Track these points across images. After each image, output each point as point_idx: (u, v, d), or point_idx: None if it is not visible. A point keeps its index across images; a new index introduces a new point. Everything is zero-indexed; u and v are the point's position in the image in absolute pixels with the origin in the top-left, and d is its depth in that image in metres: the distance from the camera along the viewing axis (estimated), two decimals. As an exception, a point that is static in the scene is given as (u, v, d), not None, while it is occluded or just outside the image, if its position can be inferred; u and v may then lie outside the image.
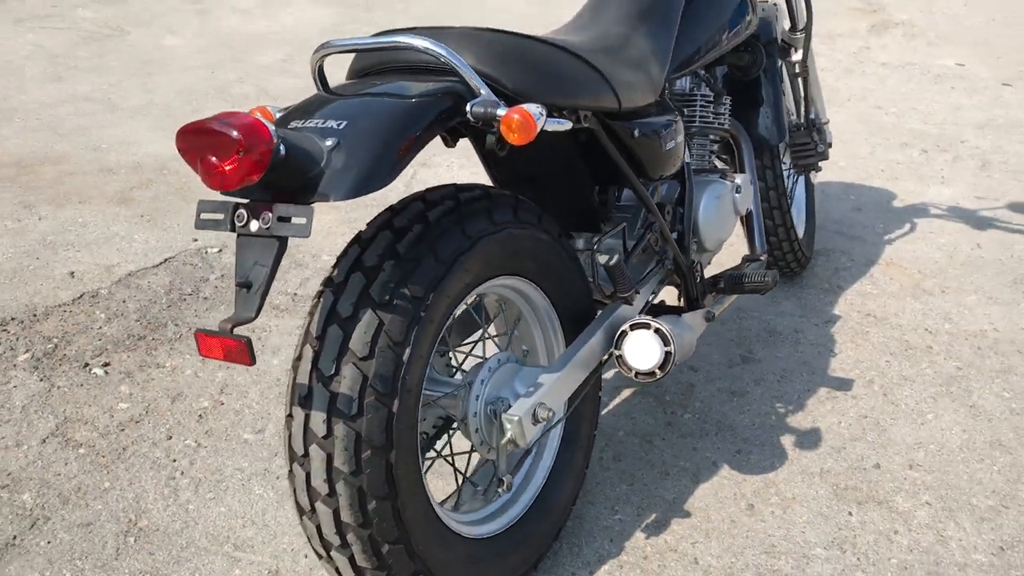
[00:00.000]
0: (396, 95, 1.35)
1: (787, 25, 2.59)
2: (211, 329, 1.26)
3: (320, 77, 1.50)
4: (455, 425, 1.69)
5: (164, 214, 3.04)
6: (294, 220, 1.20)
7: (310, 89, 1.51)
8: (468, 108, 1.35)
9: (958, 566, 1.77)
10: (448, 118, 1.34)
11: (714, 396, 2.27)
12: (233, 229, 1.25)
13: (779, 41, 2.47)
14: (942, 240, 3.15)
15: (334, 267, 1.38)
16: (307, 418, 1.32)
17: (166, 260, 2.76)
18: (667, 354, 1.63)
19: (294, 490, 1.36)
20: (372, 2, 5.64)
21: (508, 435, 1.49)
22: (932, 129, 4.24)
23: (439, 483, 1.92)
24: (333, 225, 3.03)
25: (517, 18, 5.60)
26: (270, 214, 1.22)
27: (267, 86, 4.07)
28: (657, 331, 1.63)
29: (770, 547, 1.81)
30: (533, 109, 1.31)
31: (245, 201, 1.25)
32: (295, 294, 2.64)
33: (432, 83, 1.37)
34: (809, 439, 2.12)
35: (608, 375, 2.33)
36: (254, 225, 1.23)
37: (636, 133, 1.67)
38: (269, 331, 2.46)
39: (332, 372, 1.30)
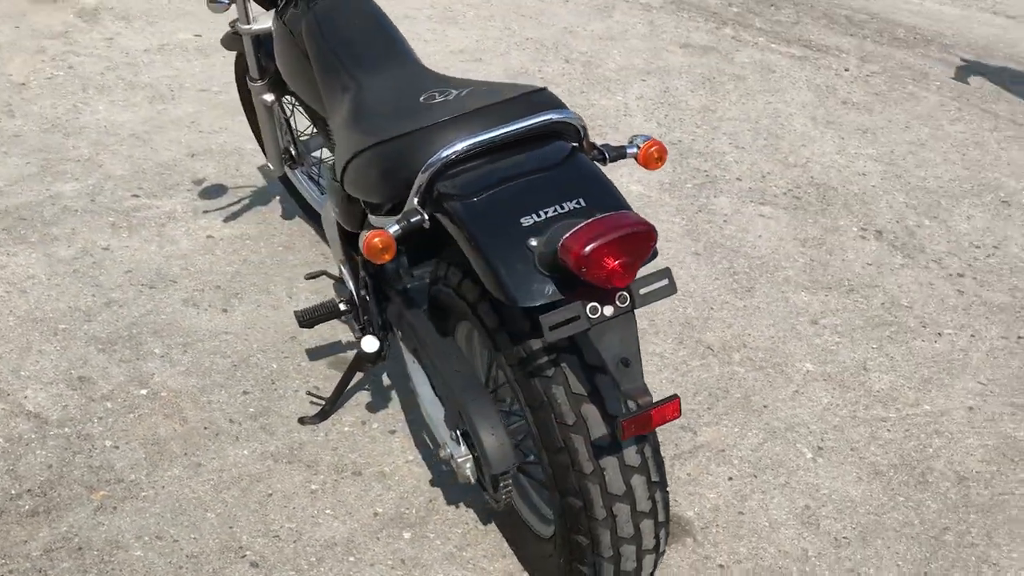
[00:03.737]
0: (556, 165, 1.48)
1: None
2: (631, 411, 1.33)
3: (428, 192, 1.51)
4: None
5: None
6: (658, 285, 1.33)
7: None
8: (605, 153, 1.59)
9: (805, 312, 2.55)
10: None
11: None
12: (589, 325, 1.30)
13: None
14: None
15: (584, 451, 1.46)
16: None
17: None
18: None
19: None
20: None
21: None
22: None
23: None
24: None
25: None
26: (625, 293, 1.32)
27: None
28: None
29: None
30: (656, 140, 1.58)
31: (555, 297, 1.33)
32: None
33: (556, 144, 1.53)
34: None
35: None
36: (608, 310, 1.31)
37: None
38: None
39: (650, 507, 1.54)
